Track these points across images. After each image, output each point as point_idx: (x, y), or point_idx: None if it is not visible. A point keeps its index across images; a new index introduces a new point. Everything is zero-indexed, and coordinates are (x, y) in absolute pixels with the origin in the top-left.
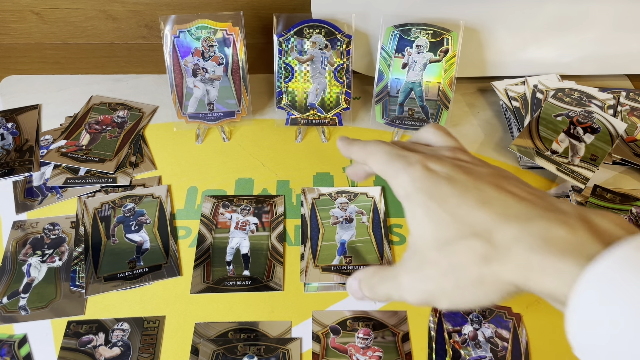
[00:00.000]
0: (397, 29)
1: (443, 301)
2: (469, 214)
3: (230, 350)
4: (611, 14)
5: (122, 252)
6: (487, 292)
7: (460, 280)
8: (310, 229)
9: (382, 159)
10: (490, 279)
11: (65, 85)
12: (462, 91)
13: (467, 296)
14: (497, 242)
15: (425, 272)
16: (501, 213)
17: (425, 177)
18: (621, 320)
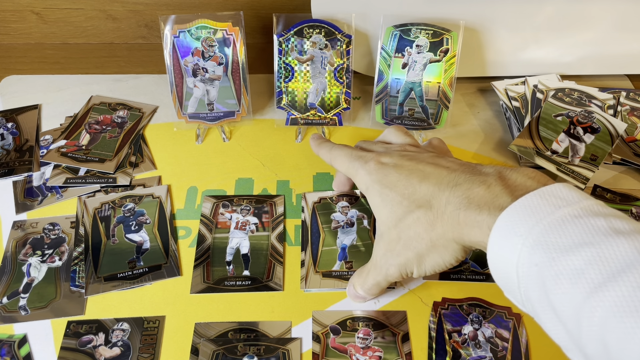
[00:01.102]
0: (397, 29)
1: (414, 270)
2: (414, 191)
3: (230, 350)
4: (611, 14)
5: (122, 252)
6: (442, 254)
7: (418, 249)
8: (310, 234)
9: (344, 160)
10: (440, 242)
11: (65, 85)
12: (462, 91)
13: (428, 261)
14: (436, 208)
15: (392, 250)
16: (437, 184)
17: (378, 169)
18: (520, 249)
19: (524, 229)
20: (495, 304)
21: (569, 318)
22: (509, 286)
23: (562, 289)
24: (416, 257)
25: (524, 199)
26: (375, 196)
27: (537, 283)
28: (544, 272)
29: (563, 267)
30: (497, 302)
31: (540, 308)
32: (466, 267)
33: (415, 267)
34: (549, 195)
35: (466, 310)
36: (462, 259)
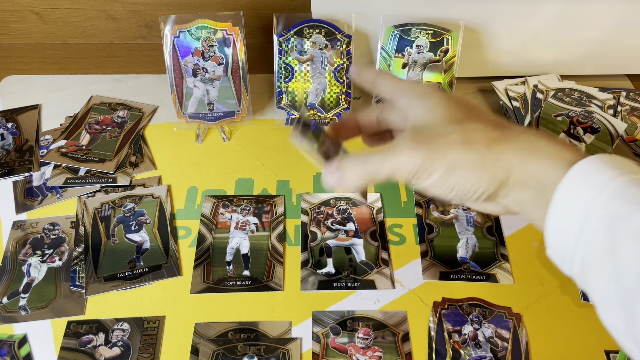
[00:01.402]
0: (397, 29)
1: (433, 175)
2: (482, 113)
3: (230, 350)
4: (611, 14)
5: (122, 252)
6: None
7: (466, 154)
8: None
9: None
10: (492, 160)
11: (65, 85)
12: (462, 91)
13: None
14: (507, 131)
15: (432, 141)
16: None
17: (443, 92)
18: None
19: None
20: (495, 304)
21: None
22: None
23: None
24: (454, 161)
25: (607, 155)
26: (437, 98)
27: (605, 236)
28: (618, 225)
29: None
30: (497, 302)
31: (596, 263)
32: (466, 267)
33: (443, 169)
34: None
35: (466, 310)
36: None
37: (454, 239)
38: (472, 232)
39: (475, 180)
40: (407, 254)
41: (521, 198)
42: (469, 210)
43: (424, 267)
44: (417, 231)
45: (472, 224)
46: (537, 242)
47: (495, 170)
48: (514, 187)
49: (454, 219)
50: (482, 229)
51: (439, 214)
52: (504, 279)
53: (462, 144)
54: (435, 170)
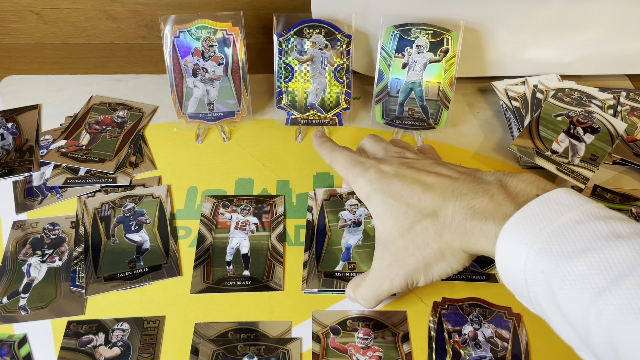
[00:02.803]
0: (397, 29)
1: (421, 279)
2: (419, 201)
3: (230, 350)
4: (611, 14)
5: (122, 252)
6: (450, 262)
7: (426, 258)
8: (317, 232)
9: (344, 165)
10: (449, 251)
11: (65, 85)
12: (462, 91)
13: (436, 269)
14: (442, 218)
15: (398, 259)
16: (441, 194)
17: (379, 178)
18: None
19: (528, 237)
20: (495, 304)
21: (577, 321)
22: (519, 291)
23: (569, 294)
24: (424, 267)
25: (526, 207)
26: (377, 205)
27: (545, 288)
28: (550, 278)
29: (568, 273)
30: (497, 302)
31: (549, 311)
32: (466, 267)
33: (422, 275)
34: (550, 202)
35: (466, 310)
36: (468, 265)
37: None
38: None
39: (450, 267)
40: None
41: None
42: None
43: None
44: None
45: None
46: None
47: (456, 256)
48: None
49: None
50: None
51: None
52: None
53: (420, 252)
54: (417, 279)
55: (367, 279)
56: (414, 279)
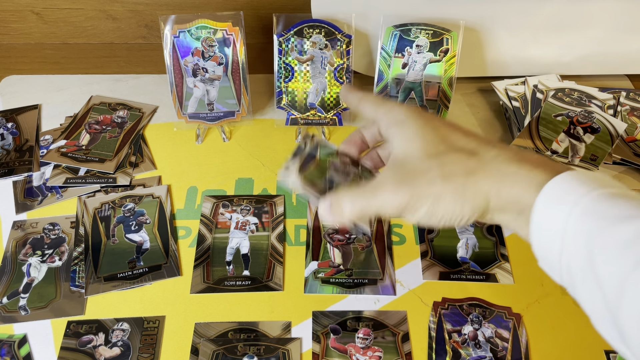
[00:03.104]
0: (397, 29)
1: (420, 211)
2: (458, 140)
3: (230, 350)
4: (611, 14)
5: (122, 252)
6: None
7: (446, 186)
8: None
9: (375, 100)
10: (472, 189)
11: (65, 85)
12: (462, 91)
13: (445, 205)
14: (481, 157)
15: (413, 179)
16: (484, 141)
17: (420, 112)
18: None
19: (575, 196)
20: (495, 304)
21: (610, 287)
22: (549, 254)
23: (609, 258)
24: (437, 195)
25: (579, 171)
26: (409, 128)
27: (583, 251)
28: (593, 240)
29: (612, 236)
30: (497, 302)
31: (580, 276)
32: (466, 267)
33: (428, 204)
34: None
35: (466, 310)
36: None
37: (454, 239)
38: (472, 232)
39: (459, 210)
40: (407, 254)
41: (504, 220)
42: None
43: (424, 267)
44: (417, 231)
45: (472, 224)
46: None
47: (475, 199)
48: (495, 212)
49: None
50: (482, 229)
51: None
52: (504, 279)
53: (441, 179)
54: (420, 206)
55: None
56: (417, 203)
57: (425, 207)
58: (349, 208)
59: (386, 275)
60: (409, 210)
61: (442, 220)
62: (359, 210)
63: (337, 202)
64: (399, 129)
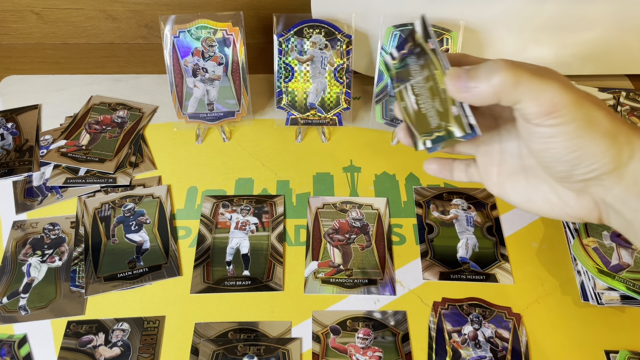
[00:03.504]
0: (397, 29)
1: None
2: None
3: (230, 351)
4: (611, 14)
5: (122, 252)
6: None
7: (606, 116)
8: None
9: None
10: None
11: (65, 85)
12: None
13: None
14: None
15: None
16: None
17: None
18: None
19: None
20: (495, 304)
21: None
22: None
23: None
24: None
25: None
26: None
27: None
28: None
29: None
30: (497, 302)
31: None
32: (466, 267)
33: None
34: None
35: (466, 310)
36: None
37: (454, 239)
38: (472, 232)
39: (603, 149)
40: (407, 254)
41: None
42: (468, 211)
43: (424, 267)
44: (417, 231)
45: (472, 224)
46: (537, 242)
47: (622, 149)
48: (628, 183)
49: (454, 219)
50: (482, 229)
51: (439, 214)
52: (504, 279)
53: (605, 111)
54: (573, 119)
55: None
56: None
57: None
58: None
59: (386, 275)
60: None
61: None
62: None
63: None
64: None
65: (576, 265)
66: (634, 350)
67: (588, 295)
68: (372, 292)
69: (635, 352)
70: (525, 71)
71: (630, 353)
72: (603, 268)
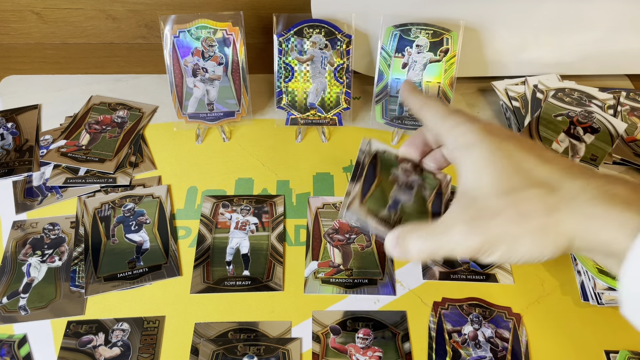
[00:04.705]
0: (397, 29)
1: (497, 252)
2: (534, 169)
3: (230, 350)
4: (611, 14)
5: (122, 252)
6: (545, 244)
7: (524, 228)
8: (366, 173)
9: (439, 111)
10: (553, 230)
11: (65, 85)
12: (462, 91)
13: (524, 247)
14: (563, 193)
15: (485, 220)
16: (565, 169)
17: (488, 131)
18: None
19: None
20: (495, 304)
21: None
22: None
23: None
24: (514, 237)
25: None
26: (479, 156)
27: None
28: None
29: None
30: (497, 302)
31: None
32: (466, 267)
33: (505, 247)
34: None
35: (466, 310)
36: (554, 258)
37: None
38: None
39: (539, 251)
40: None
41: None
42: None
43: (424, 267)
44: None
45: None
46: None
47: (557, 240)
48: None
49: None
50: None
51: None
52: (504, 279)
53: (518, 220)
54: (495, 250)
55: (428, 228)
56: (492, 246)
57: (501, 250)
58: (416, 248)
59: (386, 275)
60: (483, 253)
61: (520, 261)
62: (427, 252)
63: (403, 240)
64: (467, 154)
65: (576, 265)
66: (634, 350)
67: (588, 295)
68: (372, 292)
69: (635, 352)
70: None
71: (630, 353)
72: (603, 268)
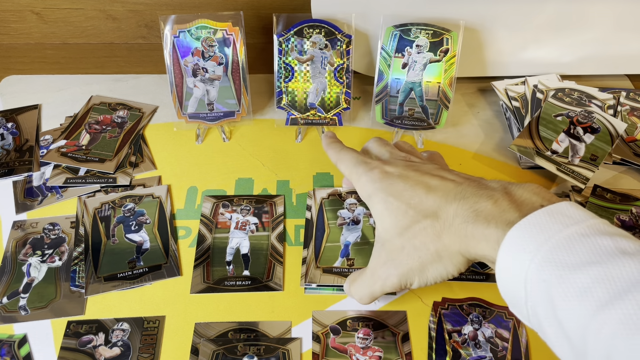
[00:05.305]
0: (397, 29)
1: (415, 280)
2: (421, 202)
3: (230, 350)
4: (611, 14)
5: (122, 252)
6: (446, 265)
7: (422, 259)
8: (315, 229)
9: (349, 164)
10: (446, 253)
11: (65, 85)
12: (462, 91)
13: (431, 272)
14: (443, 220)
15: (394, 259)
16: (443, 196)
17: (382, 178)
18: (528, 266)
19: (532, 246)
20: (495, 304)
21: (575, 334)
22: (516, 301)
23: (570, 305)
24: (419, 267)
25: (532, 216)
26: (378, 204)
27: (545, 299)
28: (552, 288)
29: (571, 284)
30: (497, 302)
31: (546, 323)
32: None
33: (417, 277)
34: (555, 213)
35: (466, 310)
36: (464, 270)
37: None
38: None
39: (444, 271)
40: None
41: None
42: None
43: None
44: None
45: None
46: None
47: (453, 259)
48: (477, 261)
49: None
50: None
51: None
52: None
53: (415, 253)
54: (412, 281)
55: (362, 276)
56: (407, 279)
57: (416, 279)
58: (358, 295)
59: None
60: (405, 284)
61: (435, 282)
62: (367, 296)
63: (349, 290)
64: (370, 203)
65: None
66: None
67: None
68: None
69: None
70: None
71: None
72: None
